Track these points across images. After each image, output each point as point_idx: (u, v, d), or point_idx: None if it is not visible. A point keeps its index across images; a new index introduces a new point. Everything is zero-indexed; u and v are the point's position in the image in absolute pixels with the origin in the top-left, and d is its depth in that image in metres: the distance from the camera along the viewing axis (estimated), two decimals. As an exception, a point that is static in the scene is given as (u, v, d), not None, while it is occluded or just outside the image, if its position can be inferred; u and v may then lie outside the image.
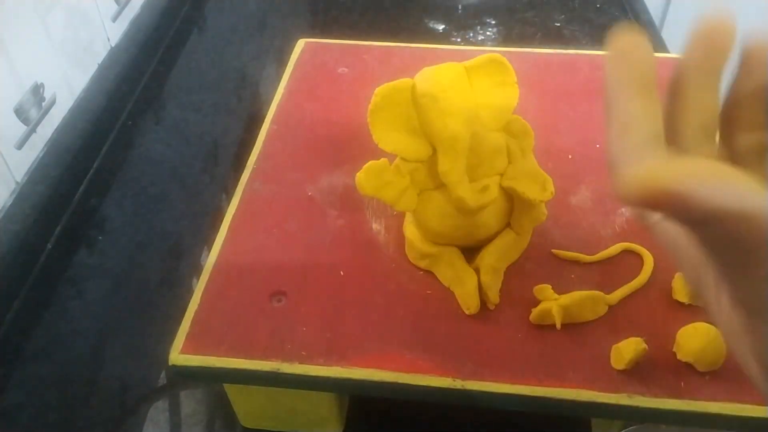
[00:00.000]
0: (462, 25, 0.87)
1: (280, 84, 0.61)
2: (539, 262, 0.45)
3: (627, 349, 0.38)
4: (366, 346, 0.41)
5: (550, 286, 0.42)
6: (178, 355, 0.40)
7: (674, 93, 0.24)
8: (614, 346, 0.39)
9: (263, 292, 0.44)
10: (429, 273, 0.45)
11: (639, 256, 0.45)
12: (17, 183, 0.60)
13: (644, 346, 0.38)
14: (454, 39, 0.85)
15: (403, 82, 0.41)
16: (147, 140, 0.72)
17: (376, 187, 0.42)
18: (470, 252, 0.44)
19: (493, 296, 0.42)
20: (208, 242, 0.48)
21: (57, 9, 0.66)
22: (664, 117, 0.23)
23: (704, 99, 0.23)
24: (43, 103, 0.63)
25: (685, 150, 0.23)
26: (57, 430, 0.48)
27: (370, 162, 0.42)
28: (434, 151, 0.42)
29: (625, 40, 0.23)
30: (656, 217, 0.23)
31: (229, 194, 0.51)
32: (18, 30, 0.60)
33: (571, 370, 0.39)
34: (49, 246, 0.60)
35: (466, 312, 0.42)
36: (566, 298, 0.41)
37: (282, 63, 0.65)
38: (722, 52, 0.22)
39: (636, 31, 0.22)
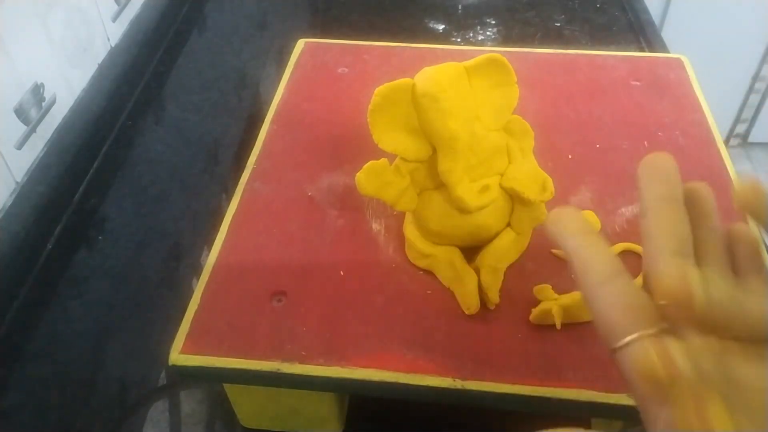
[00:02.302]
0: (462, 25, 0.87)
1: (280, 84, 0.61)
2: (539, 262, 0.45)
3: None
4: (366, 346, 0.41)
5: (550, 286, 0.42)
6: (178, 355, 0.40)
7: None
8: None
9: (263, 292, 0.44)
10: (429, 273, 0.45)
11: (639, 256, 0.45)
12: (17, 183, 0.60)
13: None
14: (454, 39, 0.85)
15: (403, 82, 0.41)
16: (147, 140, 0.72)
17: (376, 187, 0.42)
18: (470, 252, 0.44)
19: (493, 296, 0.42)
20: (208, 242, 0.48)
21: (57, 9, 0.66)
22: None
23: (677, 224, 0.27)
24: (43, 103, 0.63)
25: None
26: (57, 430, 0.48)
27: (370, 162, 0.42)
28: (434, 151, 0.42)
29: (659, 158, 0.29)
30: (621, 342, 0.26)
31: (229, 194, 0.51)
32: (18, 30, 0.60)
33: (571, 370, 0.39)
34: (49, 246, 0.60)
35: (466, 312, 0.42)
36: (566, 298, 0.41)
37: (282, 63, 0.65)
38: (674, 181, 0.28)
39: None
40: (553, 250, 0.46)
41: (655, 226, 0.27)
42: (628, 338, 0.25)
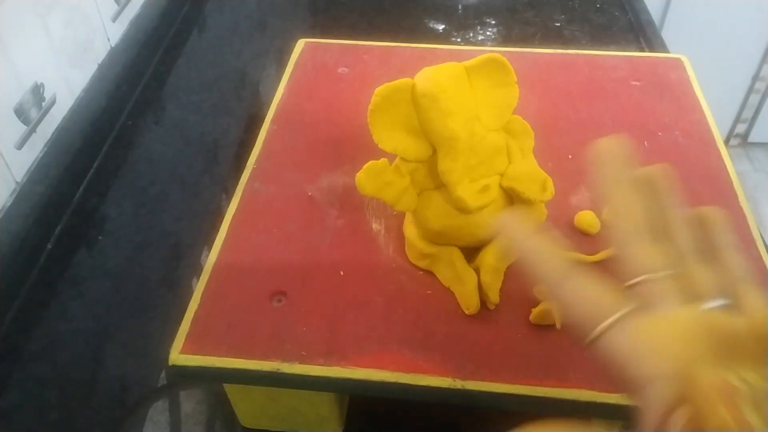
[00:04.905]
0: (462, 25, 0.87)
1: (280, 84, 0.61)
2: (539, 262, 0.45)
3: None
4: (366, 346, 0.41)
5: (550, 286, 0.42)
6: (178, 355, 0.40)
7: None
8: None
9: (263, 292, 0.44)
10: (429, 273, 0.45)
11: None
12: (17, 183, 0.60)
13: None
14: (454, 39, 0.85)
15: (403, 82, 0.41)
16: (147, 140, 0.72)
17: (376, 187, 0.42)
18: (470, 252, 0.44)
19: (493, 296, 0.42)
20: (208, 242, 0.48)
21: (57, 9, 0.66)
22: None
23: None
24: (43, 103, 0.63)
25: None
26: (57, 430, 0.48)
27: (370, 162, 0.42)
28: (434, 151, 0.42)
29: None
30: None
31: (229, 194, 0.51)
32: (18, 30, 0.60)
33: (571, 370, 0.39)
34: (49, 246, 0.60)
35: (466, 312, 0.42)
36: (566, 298, 0.41)
37: (282, 63, 0.65)
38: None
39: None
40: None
41: (613, 208, 0.28)
42: (604, 324, 0.25)
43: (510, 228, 0.30)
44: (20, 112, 0.60)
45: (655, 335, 0.25)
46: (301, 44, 0.66)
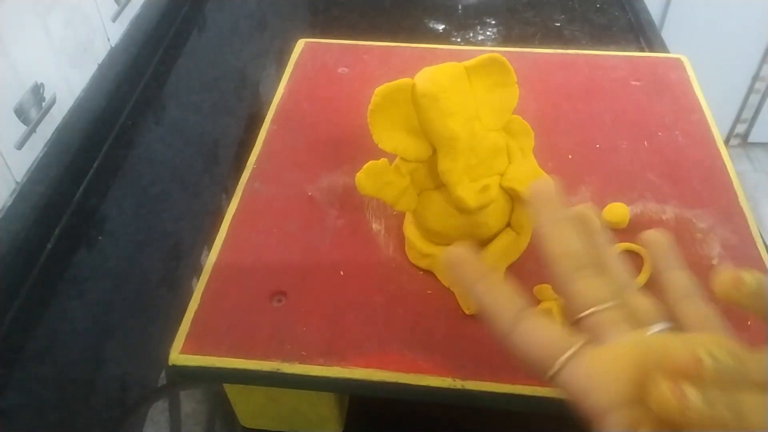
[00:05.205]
0: (462, 25, 0.87)
1: (280, 84, 0.61)
2: (539, 262, 0.45)
3: None
4: (366, 346, 0.41)
5: (550, 286, 0.42)
6: (178, 355, 0.40)
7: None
8: None
9: (263, 292, 0.44)
10: (429, 273, 0.45)
11: (639, 256, 0.45)
12: (17, 183, 0.60)
13: None
14: (454, 39, 0.85)
15: (403, 82, 0.41)
16: (147, 140, 0.72)
17: (376, 187, 0.42)
18: (470, 252, 0.44)
19: (493, 296, 0.42)
20: (208, 242, 0.48)
21: (57, 9, 0.66)
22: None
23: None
24: (43, 103, 0.63)
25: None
26: (57, 430, 0.48)
27: (370, 162, 0.42)
28: (434, 151, 0.42)
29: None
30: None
31: (229, 194, 0.51)
32: (18, 30, 0.60)
33: (571, 370, 0.39)
34: (49, 246, 0.60)
35: (466, 312, 0.42)
36: (566, 298, 0.41)
37: (282, 63, 0.65)
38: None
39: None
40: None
41: (554, 247, 0.29)
42: (560, 361, 0.26)
43: (461, 269, 0.30)
44: (20, 112, 0.60)
45: (608, 365, 0.26)
46: (301, 44, 0.66)
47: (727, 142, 1.84)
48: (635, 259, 0.45)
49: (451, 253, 0.30)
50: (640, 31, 0.84)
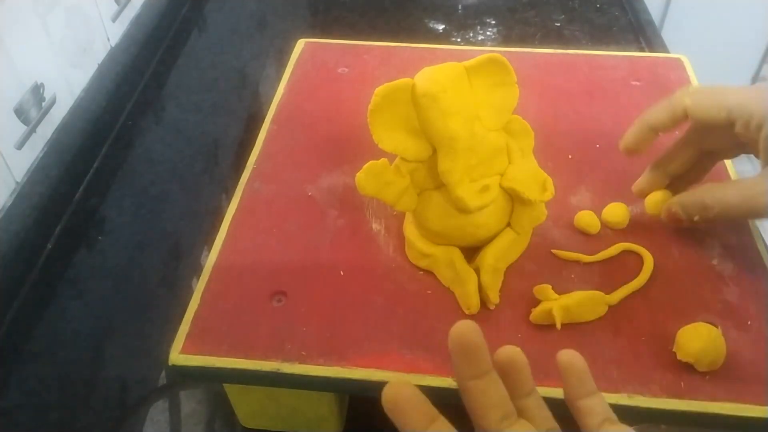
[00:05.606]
0: (462, 25, 0.87)
1: (280, 84, 0.61)
2: (539, 262, 0.45)
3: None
4: (366, 346, 0.41)
5: (550, 286, 0.42)
6: (178, 355, 0.40)
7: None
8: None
9: (263, 292, 0.44)
10: (429, 273, 0.45)
11: (639, 256, 0.45)
12: (17, 183, 0.60)
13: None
14: (454, 39, 0.85)
15: (403, 82, 0.41)
16: (147, 140, 0.72)
17: (376, 187, 0.42)
18: (470, 252, 0.44)
19: (493, 296, 0.42)
20: (208, 242, 0.48)
21: (57, 9, 0.66)
22: None
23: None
24: (43, 103, 0.63)
25: None
26: (57, 430, 0.48)
27: (370, 162, 0.42)
28: (434, 151, 0.42)
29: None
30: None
31: (229, 194, 0.51)
32: (18, 30, 0.60)
33: (571, 370, 0.39)
34: (49, 246, 0.60)
35: (466, 312, 0.42)
36: (566, 298, 0.41)
37: (282, 63, 0.65)
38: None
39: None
40: (553, 251, 0.46)
41: (475, 403, 0.30)
42: None
43: (404, 415, 0.31)
44: (20, 112, 0.60)
45: None
46: (301, 44, 0.66)
47: (727, 142, 1.84)
48: (635, 259, 0.45)
49: (394, 392, 0.30)
50: (640, 31, 0.84)
